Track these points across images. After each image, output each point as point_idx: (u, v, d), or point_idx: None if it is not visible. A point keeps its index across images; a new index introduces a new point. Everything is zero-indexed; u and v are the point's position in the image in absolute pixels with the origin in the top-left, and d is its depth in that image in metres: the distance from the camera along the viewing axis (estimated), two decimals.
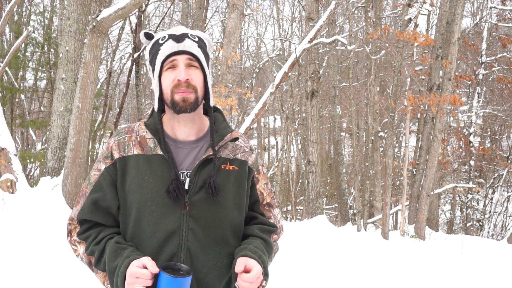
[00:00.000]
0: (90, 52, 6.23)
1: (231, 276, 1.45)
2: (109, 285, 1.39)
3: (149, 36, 1.48)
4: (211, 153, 1.42)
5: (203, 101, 1.48)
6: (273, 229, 1.56)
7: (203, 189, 1.40)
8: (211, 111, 1.50)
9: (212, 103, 1.50)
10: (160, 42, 1.43)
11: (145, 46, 1.52)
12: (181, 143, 1.46)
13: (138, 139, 1.45)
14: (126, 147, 1.44)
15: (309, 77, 10.58)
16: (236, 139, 1.50)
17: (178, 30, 1.45)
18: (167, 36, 1.43)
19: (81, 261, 1.46)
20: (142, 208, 1.39)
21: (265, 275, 1.41)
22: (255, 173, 1.55)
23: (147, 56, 1.50)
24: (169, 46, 1.40)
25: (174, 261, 1.37)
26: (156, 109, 1.46)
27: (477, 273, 6.07)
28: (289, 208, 16.28)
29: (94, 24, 6.13)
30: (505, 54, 14.46)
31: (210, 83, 1.46)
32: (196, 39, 1.45)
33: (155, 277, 1.29)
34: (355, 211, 13.35)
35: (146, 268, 1.29)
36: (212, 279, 1.41)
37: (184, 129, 1.46)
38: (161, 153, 1.41)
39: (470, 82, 15.74)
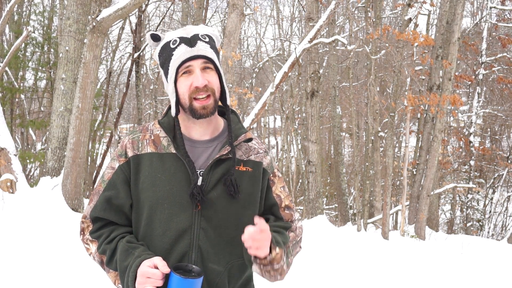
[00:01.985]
0: (90, 52, 6.23)
1: (243, 279, 1.44)
2: (120, 285, 1.38)
3: (155, 38, 1.45)
4: (224, 153, 1.40)
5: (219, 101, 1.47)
6: (287, 225, 1.51)
7: (217, 188, 1.39)
8: (228, 112, 1.48)
9: (229, 102, 1.48)
10: (172, 46, 1.40)
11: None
12: (195, 142, 1.45)
13: (152, 138, 1.45)
14: (140, 145, 1.44)
15: (309, 77, 10.58)
16: (250, 140, 1.48)
17: (188, 31, 1.41)
18: (178, 40, 1.39)
19: (94, 260, 1.45)
20: (154, 207, 1.38)
21: (277, 242, 1.36)
22: (271, 175, 1.52)
23: (156, 59, 1.47)
24: (183, 52, 1.37)
25: (185, 261, 1.36)
26: (173, 114, 1.43)
27: (477, 273, 6.07)
28: None
29: (94, 24, 6.13)
30: (505, 54, 14.46)
31: (225, 81, 1.45)
32: (207, 39, 1.42)
33: (166, 278, 1.28)
34: (355, 211, 13.34)
35: (157, 268, 1.28)
36: (223, 280, 1.39)
37: (200, 129, 1.45)
38: (174, 151, 1.40)
39: (470, 82, 15.72)
